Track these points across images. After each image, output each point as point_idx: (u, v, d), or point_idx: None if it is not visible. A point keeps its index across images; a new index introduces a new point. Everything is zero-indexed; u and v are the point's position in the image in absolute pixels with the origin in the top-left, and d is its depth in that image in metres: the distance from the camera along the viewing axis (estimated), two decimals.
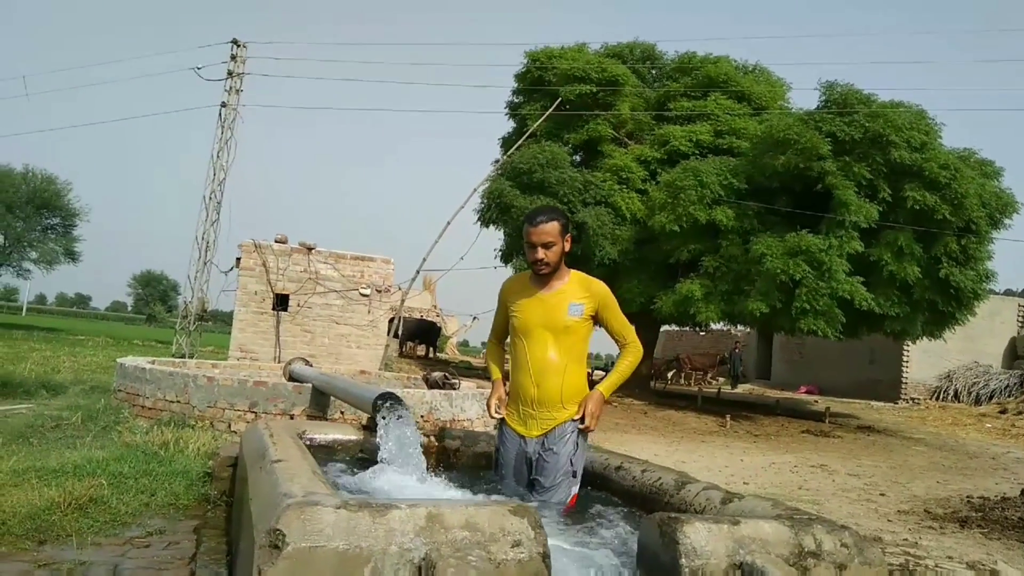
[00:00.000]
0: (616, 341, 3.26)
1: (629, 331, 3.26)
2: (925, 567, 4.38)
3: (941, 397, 20.98)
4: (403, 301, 16.47)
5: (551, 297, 3.08)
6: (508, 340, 3.28)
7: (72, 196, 30.95)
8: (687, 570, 1.99)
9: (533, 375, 3.05)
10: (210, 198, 16.92)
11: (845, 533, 2.26)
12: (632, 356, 3.23)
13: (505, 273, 17.03)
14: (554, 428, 3.05)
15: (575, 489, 3.04)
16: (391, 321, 15.45)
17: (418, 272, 16.04)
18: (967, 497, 7.35)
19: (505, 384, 3.25)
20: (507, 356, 3.34)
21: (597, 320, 3.15)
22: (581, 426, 3.06)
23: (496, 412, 3.17)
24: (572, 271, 3.14)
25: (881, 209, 13.25)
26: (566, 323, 3.04)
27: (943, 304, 13.36)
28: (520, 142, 16.66)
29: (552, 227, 3.01)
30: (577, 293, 3.09)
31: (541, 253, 3.00)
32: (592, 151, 17.15)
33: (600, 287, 3.17)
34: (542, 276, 3.07)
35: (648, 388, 18.00)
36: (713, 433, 12.30)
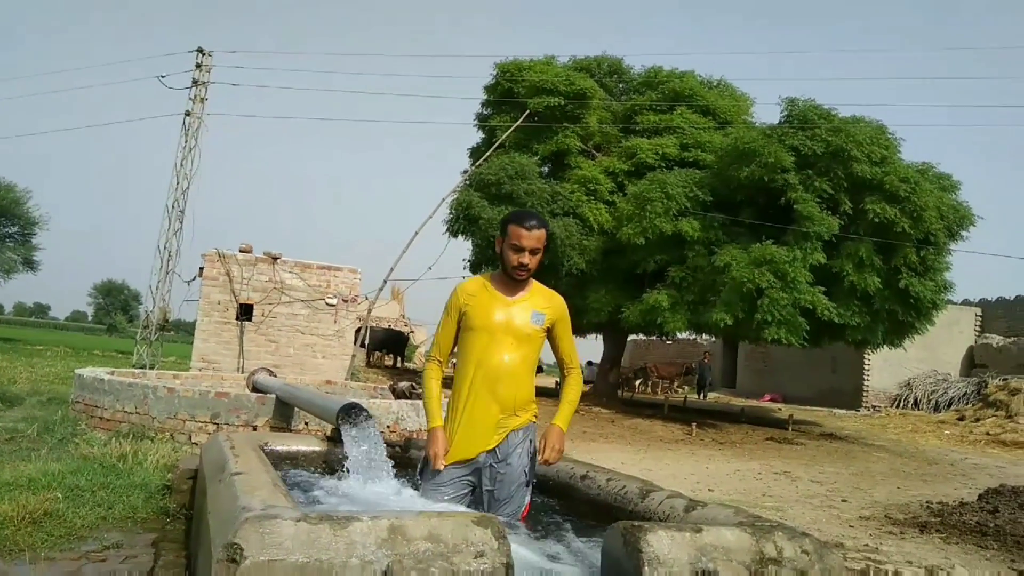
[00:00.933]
0: (561, 363, 3.16)
1: (576, 355, 3.18)
2: (885, 572, 4.45)
3: (901, 405, 21.38)
4: (370, 311, 16.37)
5: (516, 303, 2.98)
6: (455, 350, 3.12)
7: (31, 204, 30.35)
8: None
9: (489, 379, 2.93)
10: (173, 207, 16.68)
11: (806, 540, 2.29)
12: (579, 384, 3.15)
13: None
14: (506, 436, 2.95)
15: (528, 499, 2.99)
16: (358, 331, 15.35)
17: (385, 282, 16.01)
18: (926, 503, 7.48)
19: (444, 396, 3.08)
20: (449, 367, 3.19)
21: (549, 334, 3.07)
22: (540, 460, 2.97)
23: (441, 466, 2.89)
24: (532, 280, 3.08)
25: (842, 222, 13.50)
26: (528, 331, 2.97)
27: (903, 314, 13.63)
28: (489, 153, 16.70)
29: (542, 234, 2.96)
30: (540, 302, 3.03)
31: (528, 258, 2.92)
32: (560, 163, 17.25)
33: (560, 301, 3.11)
34: (515, 282, 2.99)
35: (615, 397, 18.08)
36: (679, 441, 12.39)
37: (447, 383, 3.08)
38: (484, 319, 2.95)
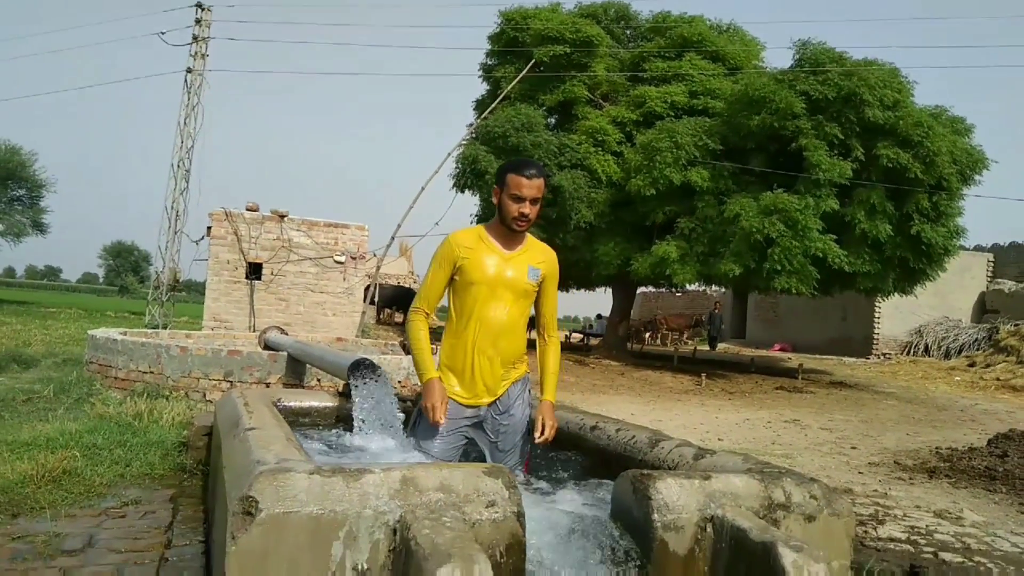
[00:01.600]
0: (541, 325, 3.10)
1: (555, 318, 3.13)
2: (894, 516, 4.49)
3: (912, 352, 21.38)
4: (379, 268, 16.38)
5: (515, 256, 2.92)
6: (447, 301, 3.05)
7: (38, 167, 30.33)
8: (659, 525, 2.02)
9: (486, 334, 2.89)
10: (178, 166, 16.63)
11: (814, 485, 2.31)
12: (558, 351, 3.12)
13: None
14: (507, 389, 2.97)
15: (528, 448, 3.03)
16: (367, 288, 15.39)
17: (393, 238, 15.98)
18: (936, 448, 7.53)
19: (435, 348, 3.01)
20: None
21: (538, 289, 3.01)
22: (539, 439, 2.92)
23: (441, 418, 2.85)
24: (527, 233, 3.01)
25: (854, 167, 13.32)
26: (525, 286, 2.92)
27: (914, 261, 13.54)
28: (494, 105, 16.49)
29: (542, 183, 2.87)
30: (536, 256, 2.97)
31: (528, 208, 2.83)
32: (567, 113, 17.03)
33: (554, 256, 3.06)
34: (513, 234, 2.90)
35: (625, 349, 18.15)
36: (689, 392, 12.46)
37: (435, 336, 3.05)
38: (483, 273, 2.87)
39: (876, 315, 21.69)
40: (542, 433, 2.92)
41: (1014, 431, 7.76)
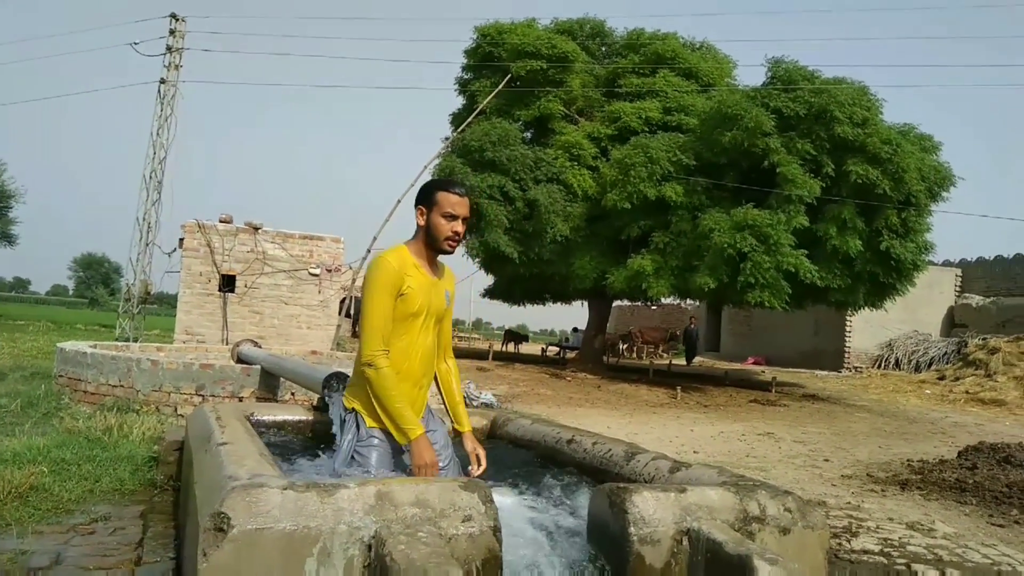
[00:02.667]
0: (441, 347, 2.97)
1: (451, 340, 3.05)
2: (867, 528, 4.53)
3: (883, 365, 21.66)
4: (354, 280, 16.29)
5: (438, 283, 2.83)
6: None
7: (7, 177, 29.87)
8: (636, 538, 2.02)
9: (420, 364, 2.80)
10: (151, 177, 16.45)
11: (788, 498, 2.33)
12: (459, 376, 3.07)
13: (457, 252, 16.89)
14: (424, 413, 2.88)
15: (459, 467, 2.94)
16: (342, 301, 15.30)
17: (369, 250, 15.86)
18: (907, 461, 7.62)
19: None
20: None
21: None
22: (477, 472, 2.82)
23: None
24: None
25: (824, 184, 13.52)
26: (444, 311, 2.87)
27: (884, 275, 13.74)
28: (470, 119, 16.53)
29: (469, 201, 2.78)
30: (449, 281, 2.91)
31: (461, 227, 2.73)
32: (543, 128, 17.12)
33: (454, 277, 2.99)
34: (436, 256, 2.80)
35: (601, 362, 18.19)
36: (665, 405, 12.51)
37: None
38: (422, 302, 2.73)
39: (847, 329, 21.96)
40: (479, 465, 2.84)
41: (983, 443, 7.88)
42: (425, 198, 2.77)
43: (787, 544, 2.21)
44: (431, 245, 2.76)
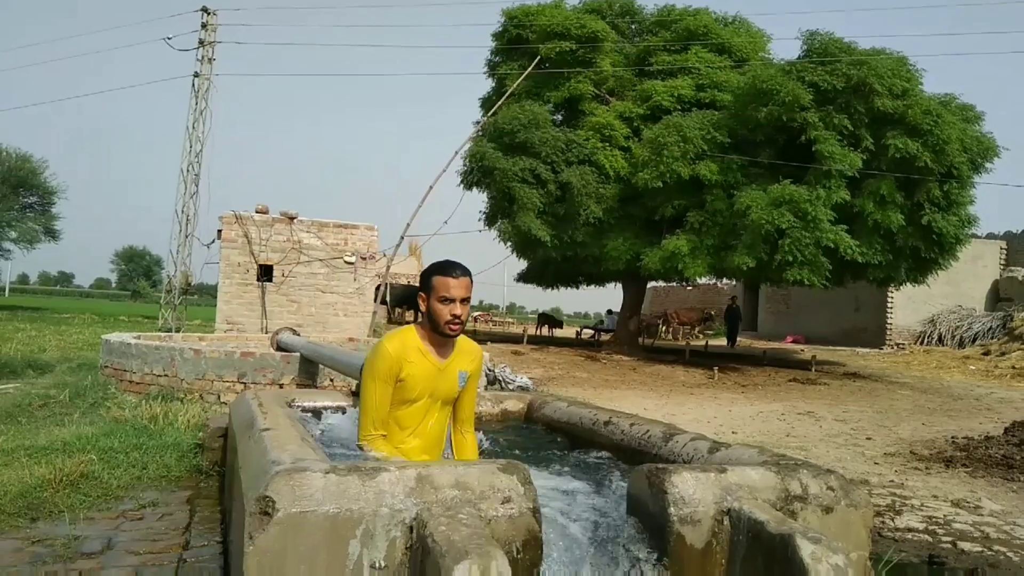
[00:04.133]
0: (460, 420, 2.92)
1: (474, 413, 2.99)
2: (911, 506, 4.47)
3: (925, 341, 21.25)
4: (389, 267, 16.41)
5: (448, 365, 2.77)
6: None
7: (49, 174, 30.58)
8: (676, 518, 2.01)
9: (424, 444, 2.79)
10: (188, 170, 16.71)
11: (831, 477, 2.30)
12: (476, 450, 2.97)
13: (489, 236, 16.94)
14: None
15: None
16: (378, 288, 15.42)
17: (403, 238, 15.98)
18: (952, 438, 7.48)
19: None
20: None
21: None
22: None
23: None
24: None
25: (864, 158, 13.25)
26: (455, 393, 2.84)
27: (926, 250, 13.46)
28: (500, 102, 16.48)
29: (469, 281, 2.72)
30: (464, 362, 2.84)
31: (460, 309, 2.68)
32: (574, 109, 17.00)
33: (480, 355, 2.94)
34: (445, 339, 2.74)
35: (636, 344, 18.11)
36: (702, 385, 12.43)
37: None
38: (422, 389, 2.71)
39: (889, 305, 21.57)
40: None
41: None
42: (423, 284, 2.74)
43: (830, 523, 2.18)
44: (434, 330, 2.72)
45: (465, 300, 2.69)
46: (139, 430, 4.70)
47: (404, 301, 24.80)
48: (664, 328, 25.37)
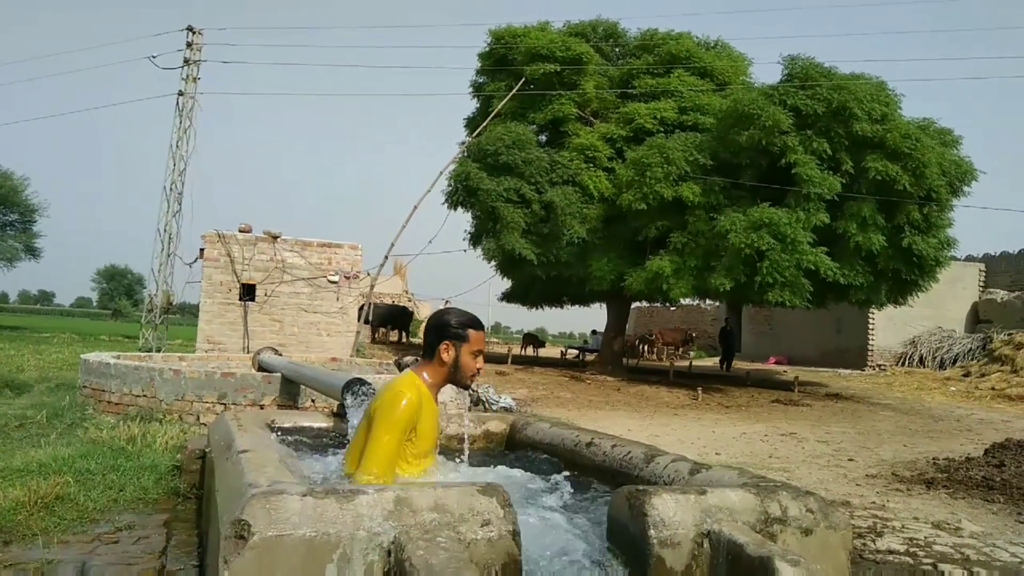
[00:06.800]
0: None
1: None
2: (892, 528, 4.48)
3: (907, 363, 21.41)
4: (372, 287, 16.37)
5: (439, 408, 2.77)
6: None
7: (30, 191, 30.30)
8: (656, 541, 2.01)
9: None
10: (171, 189, 16.63)
11: (810, 499, 2.30)
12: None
13: (474, 256, 16.95)
14: None
15: None
16: (361, 308, 15.37)
17: (387, 257, 15.98)
18: (933, 459, 7.52)
19: None
20: None
21: None
22: None
23: None
24: None
25: (844, 181, 13.42)
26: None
27: (907, 272, 13.61)
28: (485, 123, 16.57)
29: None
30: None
31: (482, 362, 2.72)
32: (557, 130, 17.12)
33: None
34: (465, 388, 2.77)
35: (620, 364, 18.13)
36: (685, 406, 12.44)
37: None
38: (433, 439, 2.70)
39: (870, 327, 21.74)
40: None
41: (1010, 440, 7.77)
42: (454, 333, 2.66)
43: (809, 545, 2.18)
44: (455, 380, 2.69)
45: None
46: (117, 451, 4.64)
47: (387, 321, 24.69)
48: (646, 348, 25.39)
